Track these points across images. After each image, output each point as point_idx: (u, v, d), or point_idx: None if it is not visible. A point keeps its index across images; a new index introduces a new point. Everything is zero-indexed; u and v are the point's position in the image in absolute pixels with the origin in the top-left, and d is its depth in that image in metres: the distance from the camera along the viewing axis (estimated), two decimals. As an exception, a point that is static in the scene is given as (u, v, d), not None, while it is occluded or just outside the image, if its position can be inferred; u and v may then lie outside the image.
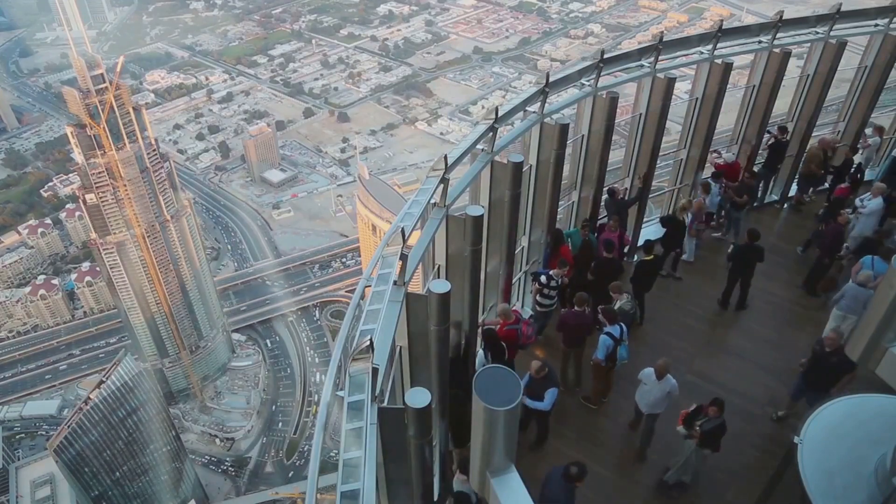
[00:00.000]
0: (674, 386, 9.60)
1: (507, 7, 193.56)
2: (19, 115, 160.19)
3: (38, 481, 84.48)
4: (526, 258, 12.25)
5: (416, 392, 5.84)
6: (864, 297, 11.19)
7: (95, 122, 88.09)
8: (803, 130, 14.73)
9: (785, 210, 15.80)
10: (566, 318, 10.81)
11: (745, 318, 12.81)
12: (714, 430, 9.05)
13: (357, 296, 6.54)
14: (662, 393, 9.61)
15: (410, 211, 7.28)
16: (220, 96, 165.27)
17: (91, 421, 79.53)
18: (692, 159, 14.07)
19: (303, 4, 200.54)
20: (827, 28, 13.55)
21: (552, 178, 10.83)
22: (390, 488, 6.21)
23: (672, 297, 13.09)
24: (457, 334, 8.86)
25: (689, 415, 9.32)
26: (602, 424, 10.80)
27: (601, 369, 10.57)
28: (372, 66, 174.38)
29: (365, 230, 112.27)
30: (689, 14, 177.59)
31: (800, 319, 12.66)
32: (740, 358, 11.76)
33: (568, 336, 10.83)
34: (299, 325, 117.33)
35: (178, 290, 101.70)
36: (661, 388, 9.57)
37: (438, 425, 8.51)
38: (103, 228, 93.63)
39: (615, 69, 11.79)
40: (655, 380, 9.57)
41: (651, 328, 12.30)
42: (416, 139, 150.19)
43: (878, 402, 8.08)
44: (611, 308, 10.64)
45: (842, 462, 7.04)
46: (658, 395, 9.64)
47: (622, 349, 10.37)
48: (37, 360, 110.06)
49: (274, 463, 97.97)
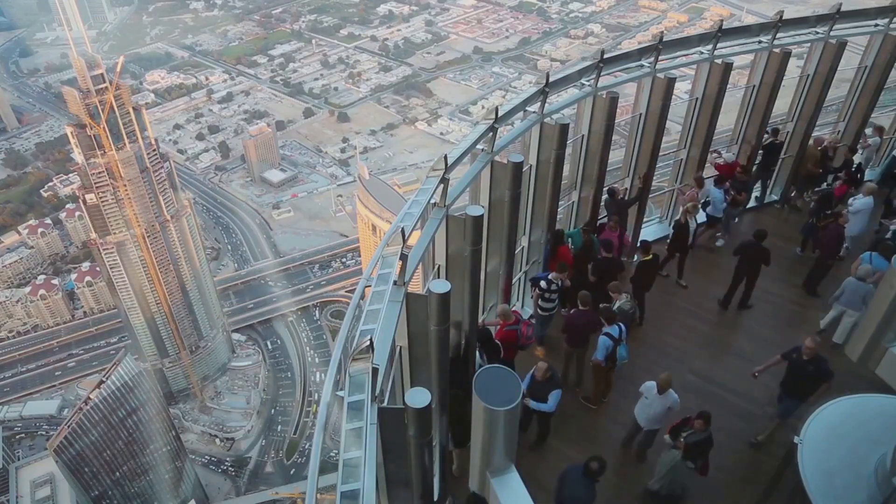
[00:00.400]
0: (675, 401, 9.39)
1: (507, 7, 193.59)
2: (19, 115, 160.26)
3: (38, 481, 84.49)
4: (526, 258, 12.25)
5: (416, 392, 5.84)
6: (862, 292, 11.25)
7: (95, 122, 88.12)
8: (803, 130, 14.72)
9: (785, 210, 15.80)
10: (573, 319, 10.76)
11: (746, 318, 12.81)
12: (699, 444, 8.80)
13: (357, 296, 6.53)
14: (663, 408, 9.41)
15: (410, 211, 7.27)
16: (220, 96, 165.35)
17: (91, 421, 79.55)
18: (692, 159, 14.08)
19: (303, 4, 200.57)
20: (827, 28, 13.55)
21: (552, 178, 10.83)
22: (390, 488, 6.21)
23: (672, 297, 13.10)
24: (457, 334, 8.85)
25: (676, 426, 9.16)
26: (602, 424, 10.80)
27: (601, 370, 10.56)
28: (372, 66, 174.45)
29: (365, 230, 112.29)
30: (689, 14, 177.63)
31: (800, 319, 12.66)
32: (740, 358, 11.75)
33: (573, 336, 10.80)
34: (299, 325, 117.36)
35: (178, 290, 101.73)
36: (662, 402, 9.36)
37: (438, 425, 8.51)
38: (103, 228, 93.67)
39: (615, 69, 11.78)
40: (657, 394, 9.35)
41: (651, 328, 12.30)
42: (416, 139, 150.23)
43: (878, 402, 8.09)
44: (609, 308, 10.63)
45: (842, 462, 7.04)
46: (658, 409, 9.44)
47: (622, 349, 10.36)
48: (37, 360, 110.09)
49: (274, 463, 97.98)
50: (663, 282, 13.50)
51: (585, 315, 10.61)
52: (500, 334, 10.04)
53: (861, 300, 11.31)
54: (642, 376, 11.26)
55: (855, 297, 11.35)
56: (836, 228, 12.80)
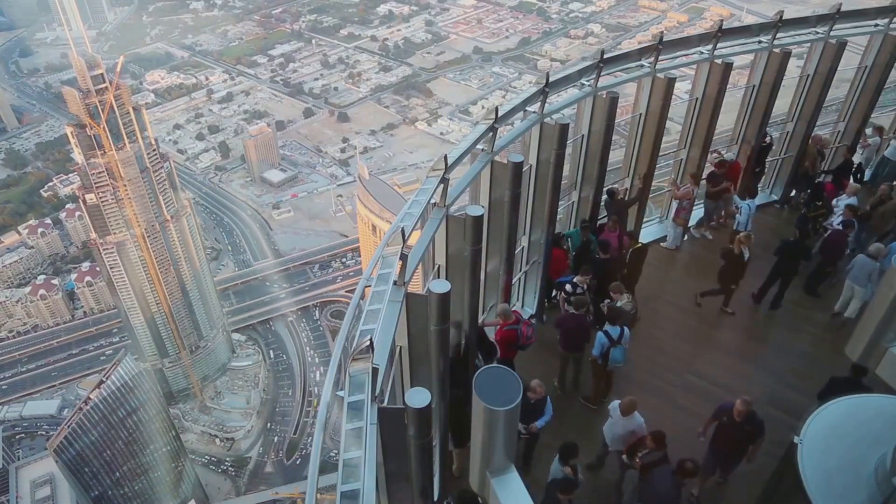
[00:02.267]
0: (639, 425, 9.09)
1: (507, 7, 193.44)
2: (19, 115, 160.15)
3: (38, 481, 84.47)
4: (526, 258, 12.24)
5: (416, 392, 5.84)
6: (869, 269, 11.52)
7: (95, 122, 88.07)
8: (803, 130, 14.73)
9: (785, 210, 15.80)
10: (564, 321, 10.72)
11: (746, 318, 12.80)
12: (654, 464, 8.52)
13: (357, 296, 6.54)
14: (625, 430, 9.16)
15: (410, 211, 7.27)
16: (220, 96, 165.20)
17: (91, 421, 79.52)
18: (692, 159, 14.07)
19: (303, 4, 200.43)
20: (827, 28, 13.54)
21: (552, 178, 10.82)
22: (390, 488, 6.21)
23: (672, 297, 13.09)
24: (457, 334, 8.86)
25: (633, 445, 8.97)
26: (600, 425, 10.80)
27: (599, 367, 10.51)
28: (372, 66, 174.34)
29: (365, 230, 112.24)
30: (689, 14, 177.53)
31: (800, 320, 12.65)
32: (740, 358, 11.76)
33: (565, 339, 10.70)
34: (299, 325, 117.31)
35: (178, 290, 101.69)
36: (625, 424, 9.15)
37: (438, 425, 8.51)
38: (103, 228, 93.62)
39: (615, 69, 11.78)
40: (619, 415, 9.14)
41: (651, 328, 12.28)
42: (416, 139, 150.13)
43: (878, 402, 8.09)
44: (614, 305, 10.55)
45: (842, 462, 7.04)
46: (620, 431, 9.21)
47: (617, 351, 10.21)
48: (37, 360, 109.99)
49: (274, 463, 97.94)
50: (663, 282, 13.49)
51: (575, 318, 10.46)
52: (499, 334, 10.00)
53: (867, 277, 11.57)
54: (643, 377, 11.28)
55: (862, 272, 11.62)
56: (840, 236, 12.70)
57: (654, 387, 11.07)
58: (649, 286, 12.98)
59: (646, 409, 10.70)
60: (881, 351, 10.45)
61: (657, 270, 13.64)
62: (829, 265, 12.96)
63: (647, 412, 10.69)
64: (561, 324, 10.76)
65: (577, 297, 10.61)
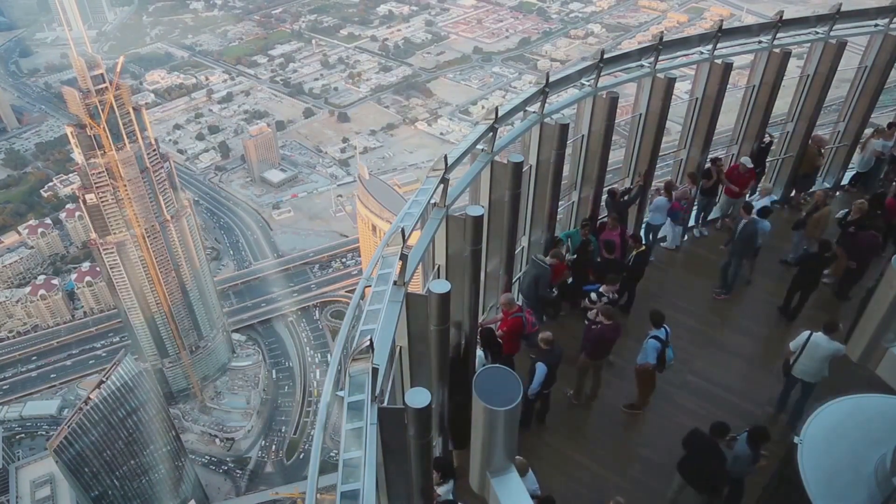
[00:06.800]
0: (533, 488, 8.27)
1: (507, 7, 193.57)
2: (19, 115, 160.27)
3: (38, 481, 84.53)
4: (526, 258, 12.24)
5: (416, 392, 5.84)
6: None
7: (95, 122, 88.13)
8: (803, 130, 14.72)
9: (785, 210, 15.79)
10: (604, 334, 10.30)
11: (745, 318, 12.81)
12: None
13: (357, 296, 6.54)
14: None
15: (410, 211, 7.28)
16: (220, 96, 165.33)
17: (91, 421, 79.55)
18: (692, 159, 14.07)
19: (303, 4, 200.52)
20: (827, 28, 13.54)
21: (552, 178, 10.83)
22: (390, 488, 6.21)
23: (671, 297, 13.07)
24: (457, 334, 8.86)
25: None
26: (596, 422, 10.84)
27: (650, 373, 10.30)
28: (372, 66, 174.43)
29: (365, 230, 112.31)
30: (689, 14, 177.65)
31: (800, 319, 12.64)
32: (740, 358, 11.75)
33: (597, 349, 10.44)
34: (299, 325, 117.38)
35: (178, 290, 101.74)
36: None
37: (438, 425, 8.51)
38: (103, 228, 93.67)
39: (615, 69, 11.78)
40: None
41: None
42: (416, 139, 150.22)
43: (878, 402, 8.06)
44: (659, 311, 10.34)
45: (842, 462, 7.02)
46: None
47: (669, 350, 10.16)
48: (37, 360, 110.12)
49: (274, 463, 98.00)
50: (662, 282, 13.48)
51: (607, 328, 10.26)
52: (505, 323, 9.97)
53: None
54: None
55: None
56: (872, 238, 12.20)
57: None
58: (649, 286, 12.97)
59: (646, 408, 10.72)
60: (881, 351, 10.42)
61: (657, 270, 13.63)
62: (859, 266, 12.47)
63: (648, 412, 10.72)
64: (591, 334, 10.43)
65: (605, 307, 10.37)
